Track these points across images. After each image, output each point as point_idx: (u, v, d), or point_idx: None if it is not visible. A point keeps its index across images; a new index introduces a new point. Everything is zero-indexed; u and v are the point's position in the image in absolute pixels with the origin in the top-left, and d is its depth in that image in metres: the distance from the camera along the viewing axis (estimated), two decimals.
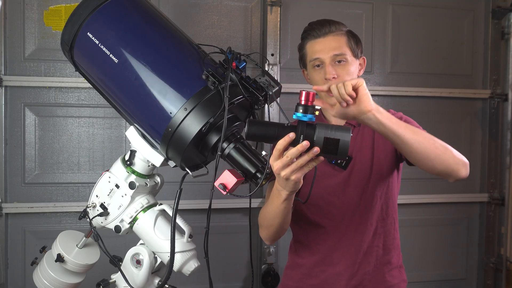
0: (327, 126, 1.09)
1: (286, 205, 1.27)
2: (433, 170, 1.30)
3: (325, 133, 1.08)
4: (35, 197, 2.42)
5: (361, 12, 2.73)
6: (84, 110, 2.46)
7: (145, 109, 1.24)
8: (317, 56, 1.49)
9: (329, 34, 1.49)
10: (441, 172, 1.30)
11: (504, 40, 2.84)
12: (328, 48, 1.47)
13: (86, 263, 1.37)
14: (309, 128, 1.09)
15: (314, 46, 1.50)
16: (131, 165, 1.33)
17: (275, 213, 1.33)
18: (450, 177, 1.33)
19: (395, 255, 1.58)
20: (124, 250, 1.34)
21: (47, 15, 2.40)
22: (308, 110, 1.09)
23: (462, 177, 1.33)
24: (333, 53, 1.47)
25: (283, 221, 1.37)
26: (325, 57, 1.47)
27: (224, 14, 2.58)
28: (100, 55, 1.25)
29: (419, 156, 1.27)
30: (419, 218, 2.82)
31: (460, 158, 1.31)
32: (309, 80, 1.58)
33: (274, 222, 1.37)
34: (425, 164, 1.29)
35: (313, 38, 1.50)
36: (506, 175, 2.83)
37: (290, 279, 1.64)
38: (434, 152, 1.27)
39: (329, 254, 1.55)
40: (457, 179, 1.33)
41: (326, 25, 1.49)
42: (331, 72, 1.46)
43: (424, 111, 2.80)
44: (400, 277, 1.59)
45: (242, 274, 2.65)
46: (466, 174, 1.33)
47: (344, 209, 1.51)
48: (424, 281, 2.86)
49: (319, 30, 1.49)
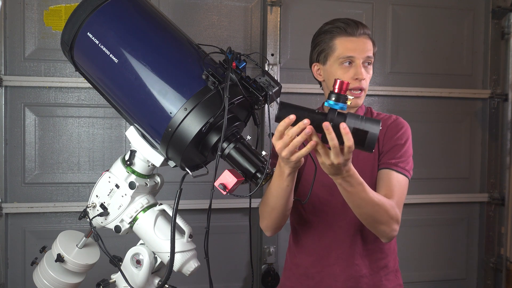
0: (357, 116, 1.08)
1: (289, 182, 1.30)
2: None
3: (354, 123, 1.07)
4: (35, 197, 2.42)
5: (361, 12, 2.73)
6: (84, 110, 2.46)
7: (145, 109, 1.24)
8: (351, 54, 1.47)
9: (364, 35, 1.49)
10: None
11: (504, 40, 2.84)
12: (363, 49, 1.47)
13: (86, 263, 1.37)
14: (339, 117, 1.08)
15: (348, 43, 1.48)
16: (131, 165, 1.33)
17: (278, 193, 1.34)
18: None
19: (391, 259, 1.58)
20: (124, 250, 1.34)
21: (47, 15, 2.40)
22: (340, 98, 1.08)
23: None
24: (367, 55, 1.48)
25: (285, 202, 1.37)
26: (360, 57, 1.47)
27: (224, 14, 2.58)
28: (100, 55, 1.25)
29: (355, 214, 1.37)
30: (419, 218, 2.82)
31: (391, 231, 1.39)
32: (321, 76, 1.55)
33: (277, 204, 1.38)
34: None
35: (347, 35, 1.48)
36: (506, 175, 2.83)
37: (288, 279, 1.65)
38: (367, 222, 1.38)
39: (324, 255, 1.55)
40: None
41: (361, 26, 1.49)
42: (363, 73, 1.47)
43: (424, 111, 2.80)
44: (396, 281, 1.59)
45: (242, 274, 2.65)
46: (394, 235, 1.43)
47: (338, 209, 1.51)
48: (424, 281, 2.86)
49: (355, 29, 1.48)
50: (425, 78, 2.81)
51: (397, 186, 1.44)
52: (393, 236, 1.42)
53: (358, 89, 1.48)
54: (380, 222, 1.36)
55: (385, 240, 1.44)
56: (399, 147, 1.49)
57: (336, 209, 1.52)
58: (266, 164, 1.20)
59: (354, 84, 1.47)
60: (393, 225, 1.39)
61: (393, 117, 1.57)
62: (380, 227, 1.38)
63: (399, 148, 1.49)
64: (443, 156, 2.84)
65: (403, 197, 1.46)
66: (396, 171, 1.46)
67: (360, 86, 1.47)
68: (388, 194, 1.41)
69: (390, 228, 1.38)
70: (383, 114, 1.60)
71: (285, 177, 1.27)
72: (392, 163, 1.47)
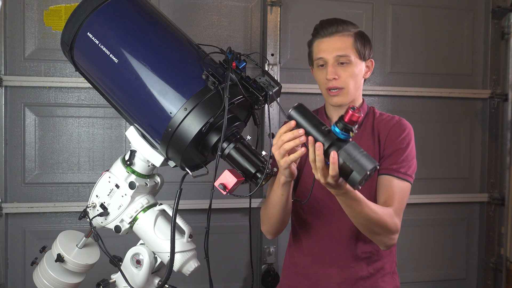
0: (356, 149, 1.07)
1: (283, 191, 1.35)
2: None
3: (345, 157, 1.07)
4: (35, 197, 2.42)
5: (361, 12, 2.73)
6: (84, 110, 2.46)
7: (145, 109, 1.24)
8: (321, 55, 1.49)
9: (336, 34, 1.48)
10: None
11: (504, 40, 2.84)
12: (332, 48, 1.47)
13: (86, 263, 1.37)
14: (340, 142, 1.08)
15: (320, 45, 1.50)
16: (131, 165, 1.33)
17: (274, 201, 1.39)
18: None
19: (388, 261, 1.58)
20: (124, 250, 1.34)
21: (47, 15, 2.40)
22: (346, 129, 1.08)
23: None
24: (336, 54, 1.46)
25: (282, 211, 1.41)
26: (328, 57, 1.47)
27: (224, 14, 2.58)
28: (100, 55, 1.25)
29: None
30: (419, 218, 2.82)
31: (388, 240, 1.41)
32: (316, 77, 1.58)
33: (273, 210, 1.42)
34: None
35: (320, 37, 1.50)
36: (506, 175, 2.83)
37: (288, 278, 1.65)
38: (364, 232, 1.39)
39: (321, 256, 1.56)
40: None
41: (334, 25, 1.48)
42: (332, 72, 1.46)
43: (424, 111, 2.80)
44: (393, 283, 1.59)
45: (242, 274, 2.65)
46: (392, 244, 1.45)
47: (335, 212, 1.50)
48: (424, 281, 2.86)
49: (326, 29, 1.48)
50: (425, 78, 2.81)
51: (397, 193, 1.44)
52: (391, 244, 1.44)
53: (334, 88, 1.48)
54: (377, 234, 1.38)
55: (383, 247, 1.45)
56: (401, 151, 1.48)
57: (334, 212, 1.51)
58: (266, 164, 1.20)
59: (327, 85, 1.48)
60: (391, 235, 1.40)
61: (396, 118, 1.55)
62: (377, 237, 1.40)
63: (401, 152, 1.48)
64: (443, 156, 2.84)
65: (404, 204, 1.46)
66: (398, 177, 1.45)
67: (332, 87, 1.47)
68: (388, 202, 1.42)
69: (387, 238, 1.40)
70: (386, 114, 1.59)
71: (280, 185, 1.33)
72: (394, 169, 1.46)
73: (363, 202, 1.28)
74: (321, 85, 1.52)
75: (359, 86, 1.53)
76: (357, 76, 1.49)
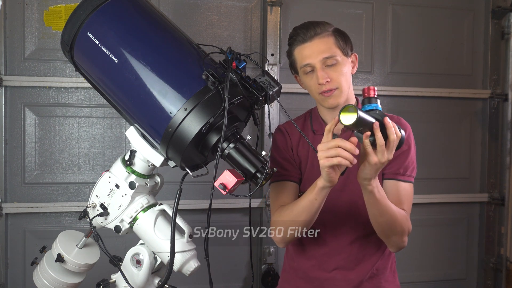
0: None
1: (317, 196, 1.31)
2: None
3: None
4: (35, 197, 2.42)
5: (361, 12, 2.73)
6: (84, 110, 2.46)
7: (145, 109, 1.24)
8: (306, 62, 1.44)
9: (315, 37, 1.44)
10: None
11: (504, 40, 2.84)
12: (317, 52, 1.43)
13: (86, 263, 1.37)
14: (379, 115, 1.21)
15: (302, 51, 1.45)
16: (131, 165, 1.33)
17: (303, 206, 1.36)
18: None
19: (389, 261, 1.59)
20: (124, 250, 1.34)
21: (47, 15, 2.40)
22: (371, 100, 1.22)
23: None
24: (323, 57, 1.43)
25: (309, 217, 1.38)
26: (315, 61, 1.43)
27: (224, 14, 2.58)
28: (100, 55, 1.25)
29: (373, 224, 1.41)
30: (419, 218, 2.81)
31: (401, 242, 1.44)
32: (303, 84, 1.54)
33: (300, 217, 1.38)
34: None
35: (300, 44, 1.46)
36: (506, 175, 2.83)
37: (287, 282, 1.65)
38: (383, 231, 1.41)
39: (324, 261, 1.55)
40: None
41: (311, 28, 1.44)
42: (324, 76, 1.42)
43: (424, 111, 2.80)
44: (394, 282, 1.60)
45: (242, 274, 2.64)
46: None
47: (338, 216, 1.51)
48: (424, 281, 2.86)
49: (304, 34, 1.44)
50: (425, 78, 2.81)
51: (405, 197, 1.46)
52: (403, 247, 1.45)
53: (327, 91, 1.44)
54: (395, 233, 1.39)
55: (394, 250, 1.46)
56: (405, 154, 1.48)
57: (338, 216, 1.51)
58: (266, 164, 1.20)
59: (320, 89, 1.44)
60: (405, 236, 1.42)
61: (395, 118, 1.53)
62: (393, 238, 1.41)
63: (405, 155, 1.48)
64: (443, 156, 2.84)
65: (411, 205, 1.48)
66: (403, 180, 1.47)
67: (325, 89, 1.44)
68: (398, 206, 1.42)
69: (401, 239, 1.42)
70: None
71: (316, 189, 1.30)
72: (400, 173, 1.46)
73: (387, 199, 1.33)
74: (312, 91, 1.48)
75: (350, 83, 1.50)
76: (347, 74, 1.47)
